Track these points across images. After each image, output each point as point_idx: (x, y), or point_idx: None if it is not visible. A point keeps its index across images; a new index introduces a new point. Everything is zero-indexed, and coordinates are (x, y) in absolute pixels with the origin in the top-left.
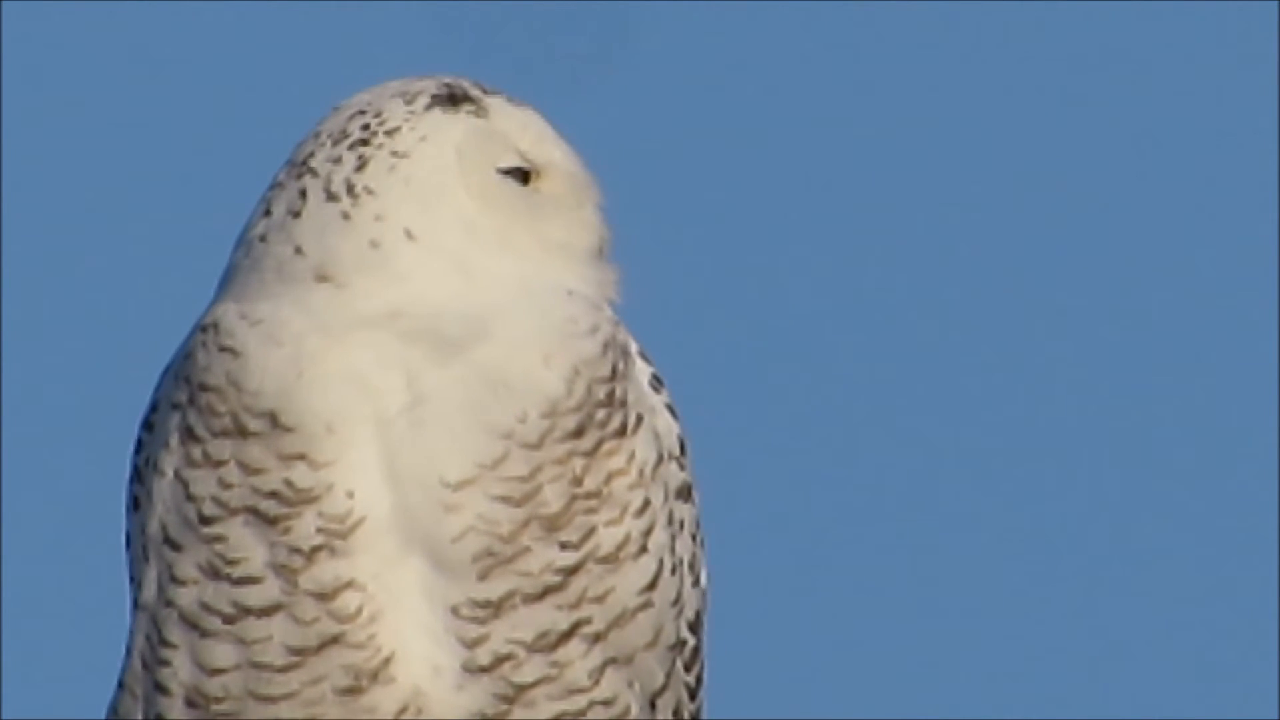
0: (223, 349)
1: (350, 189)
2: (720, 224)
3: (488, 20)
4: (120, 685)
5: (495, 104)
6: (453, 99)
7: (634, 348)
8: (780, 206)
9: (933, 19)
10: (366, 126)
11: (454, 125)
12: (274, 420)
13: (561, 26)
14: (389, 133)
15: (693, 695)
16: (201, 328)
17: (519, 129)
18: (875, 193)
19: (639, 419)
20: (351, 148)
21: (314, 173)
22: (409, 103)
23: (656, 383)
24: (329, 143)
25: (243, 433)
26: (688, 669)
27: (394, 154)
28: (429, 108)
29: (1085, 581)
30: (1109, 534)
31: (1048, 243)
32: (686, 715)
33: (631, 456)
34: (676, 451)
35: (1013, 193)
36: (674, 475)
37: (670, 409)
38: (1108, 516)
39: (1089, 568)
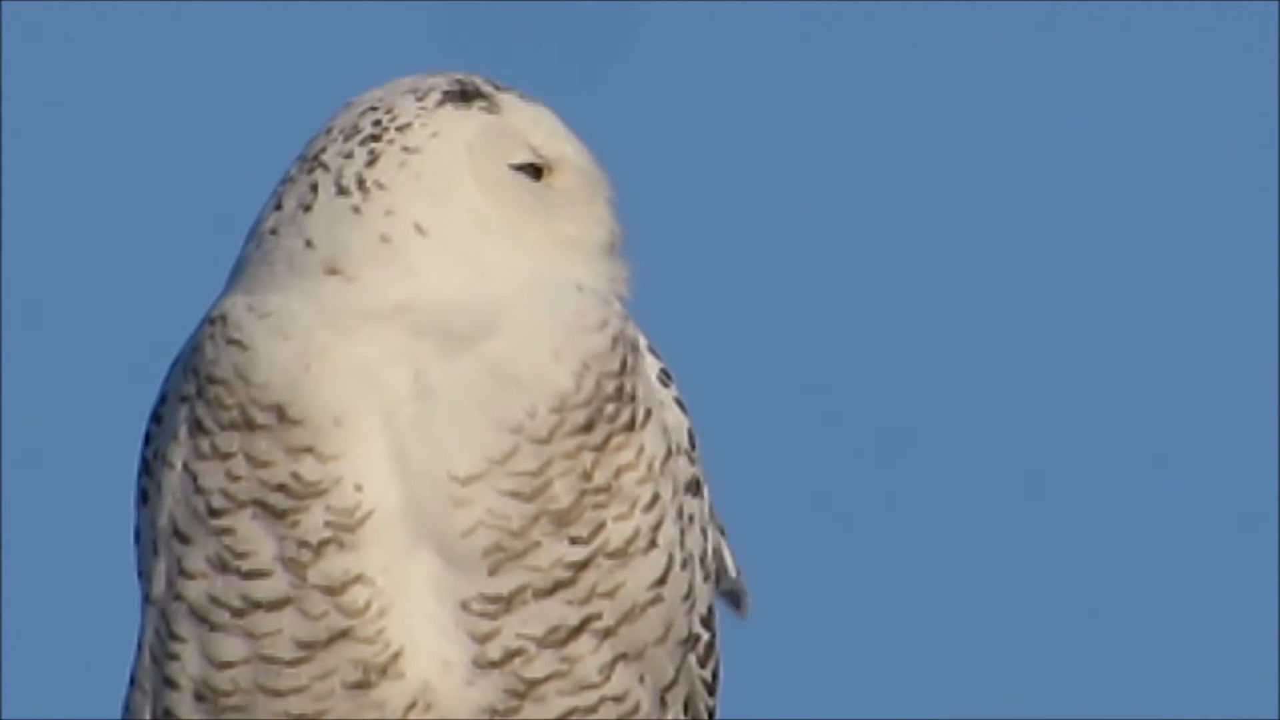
0: (231, 341)
1: (361, 183)
2: (730, 220)
3: (498, 18)
4: (131, 681)
5: (507, 100)
6: (465, 95)
7: (643, 342)
8: (789, 202)
9: (933, 19)
10: (378, 122)
11: (466, 121)
12: (281, 413)
13: (571, 23)
14: (400, 128)
15: (710, 690)
16: (210, 320)
17: (531, 125)
18: (880, 188)
19: (648, 413)
20: (363, 143)
21: (325, 167)
22: (421, 99)
23: (665, 377)
24: (340, 138)
25: (250, 425)
26: (702, 664)
27: (405, 149)
28: (441, 104)
29: (1086, 581)
30: (1110, 534)
31: (1050, 242)
32: (704, 710)
33: (641, 451)
34: (686, 446)
35: (1014, 192)
36: (683, 469)
37: (679, 403)
38: (1108, 516)
39: (1090, 567)
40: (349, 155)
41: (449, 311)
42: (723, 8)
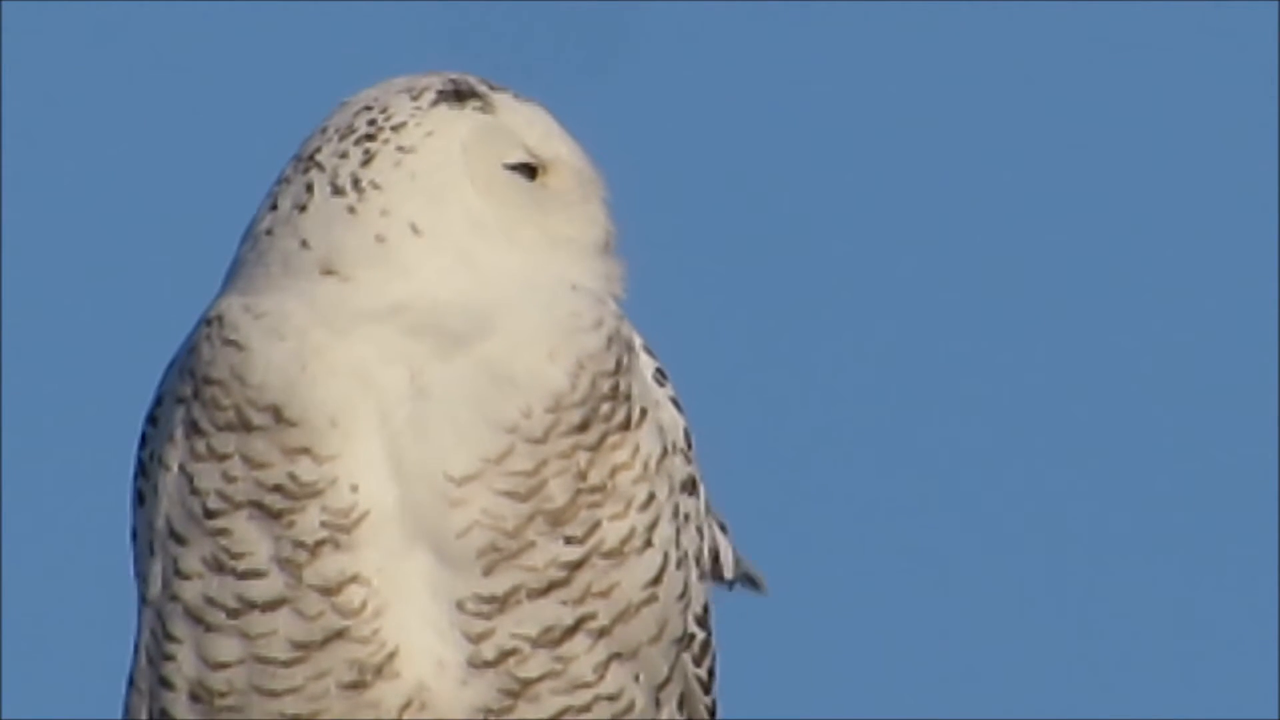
0: (227, 342)
1: (356, 183)
2: (725, 219)
3: (495, 17)
4: (129, 682)
5: (502, 100)
6: (459, 95)
7: (638, 342)
8: (785, 201)
9: (933, 19)
10: (373, 122)
11: (460, 121)
12: (277, 414)
13: (566, 23)
14: (395, 128)
15: (706, 689)
16: (206, 321)
17: (525, 124)
18: (876, 188)
19: (643, 413)
20: (358, 143)
21: (320, 167)
22: (415, 98)
23: (661, 377)
24: (335, 138)
25: (246, 426)
26: (698, 663)
27: (400, 149)
28: (435, 103)
29: (1086, 581)
30: (1109, 533)
31: (1048, 242)
32: (703, 710)
33: (636, 450)
34: (681, 445)
35: (1014, 191)
36: (679, 469)
37: (675, 402)
38: (1107, 516)
39: (1090, 567)
40: (344, 155)
41: (445, 312)
42: (720, 8)
